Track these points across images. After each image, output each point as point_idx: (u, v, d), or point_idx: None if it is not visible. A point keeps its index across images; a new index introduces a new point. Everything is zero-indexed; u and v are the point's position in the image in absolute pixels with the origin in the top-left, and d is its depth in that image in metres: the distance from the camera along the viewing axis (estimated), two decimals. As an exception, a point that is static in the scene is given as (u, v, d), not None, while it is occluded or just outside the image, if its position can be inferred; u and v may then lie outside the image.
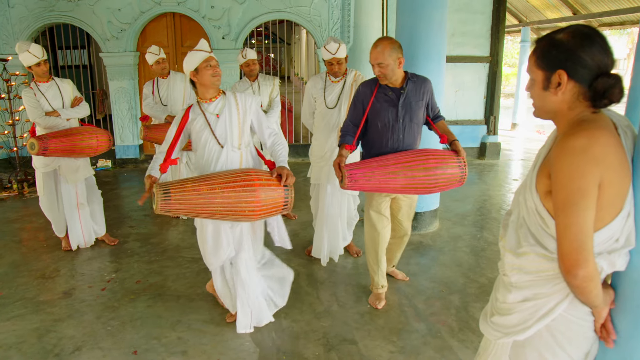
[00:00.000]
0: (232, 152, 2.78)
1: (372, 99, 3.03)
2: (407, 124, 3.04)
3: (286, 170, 2.67)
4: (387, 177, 2.86)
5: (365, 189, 2.94)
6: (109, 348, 2.86)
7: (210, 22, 7.62)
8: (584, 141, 1.23)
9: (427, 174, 2.85)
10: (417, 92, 3.05)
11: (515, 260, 1.46)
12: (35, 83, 4.07)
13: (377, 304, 3.33)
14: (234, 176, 2.56)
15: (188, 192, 2.49)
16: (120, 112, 7.85)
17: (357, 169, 2.87)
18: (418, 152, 2.98)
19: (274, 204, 2.63)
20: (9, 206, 5.80)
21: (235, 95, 2.85)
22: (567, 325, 1.41)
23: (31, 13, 7.46)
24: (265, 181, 2.59)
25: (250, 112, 2.85)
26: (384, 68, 2.90)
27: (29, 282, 3.72)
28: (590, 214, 1.23)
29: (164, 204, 2.46)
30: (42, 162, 4.13)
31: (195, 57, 2.70)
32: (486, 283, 3.67)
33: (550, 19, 10.69)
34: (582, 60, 1.28)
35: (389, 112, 3.01)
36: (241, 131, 2.81)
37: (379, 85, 3.04)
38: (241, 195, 2.50)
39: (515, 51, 25.03)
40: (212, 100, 2.80)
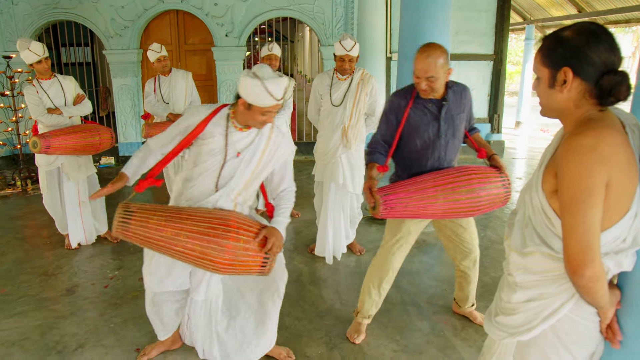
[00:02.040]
0: (224, 201, 2.30)
1: (407, 112, 2.59)
2: (449, 140, 2.63)
3: (276, 236, 2.20)
4: (425, 203, 2.48)
5: (401, 216, 2.57)
6: (111, 345, 2.86)
7: (213, 19, 7.60)
8: (591, 140, 1.22)
9: (471, 196, 2.48)
10: (458, 103, 2.62)
11: (521, 260, 1.44)
12: (37, 80, 4.07)
13: (355, 337, 2.89)
14: (209, 226, 2.13)
15: (150, 229, 2.13)
16: (124, 110, 7.85)
17: (392, 193, 2.49)
18: (458, 171, 2.56)
19: (245, 269, 2.20)
20: (12, 203, 5.81)
21: (271, 134, 2.32)
22: (573, 325, 1.39)
23: (35, 10, 7.46)
24: (243, 243, 2.14)
25: (276, 162, 2.37)
26: (433, 82, 2.46)
27: (32, 279, 3.72)
28: (597, 213, 1.22)
29: (120, 231, 2.16)
30: (45, 160, 4.13)
31: (263, 100, 2.08)
32: (489, 282, 3.66)
33: (555, 16, 10.64)
34: (587, 57, 1.26)
35: (430, 127, 2.58)
36: (249, 183, 2.31)
37: (415, 95, 2.59)
38: (207, 251, 2.10)
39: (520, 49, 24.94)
40: (244, 129, 2.27)
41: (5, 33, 7.55)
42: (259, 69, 2.09)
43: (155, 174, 2.30)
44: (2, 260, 4.09)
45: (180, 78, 4.92)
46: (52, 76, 4.13)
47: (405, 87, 2.71)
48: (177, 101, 4.88)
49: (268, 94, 2.05)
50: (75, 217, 4.29)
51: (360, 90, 3.77)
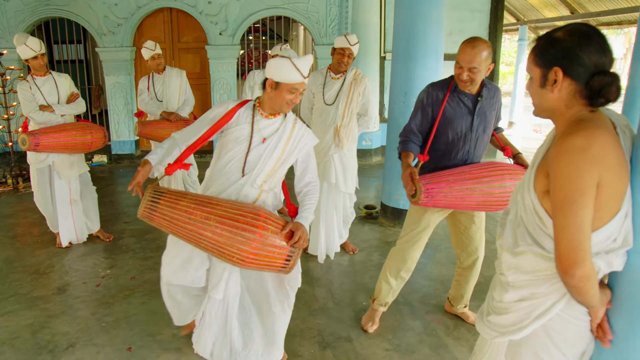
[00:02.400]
0: (251, 187, 2.32)
1: (444, 104, 2.64)
2: (480, 135, 2.71)
3: (302, 230, 2.22)
4: (463, 194, 2.54)
5: (439, 205, 2.61)
6: (103, 344, 2.85)
7: (207, 17, 7.58)
8: (582, 141, 1.23)
9: (503, 190, 2.56)
10: (491, 101, 2.71)
11: (513, 259, 1.45)
12: (31, 76, 4.03)
13: (369, 326, 2.99)
14: (237, 213, 2.13)
15: (179, 211, 2.11)
16: (116, 108, 7.81)
17: (433, 182, 2.53)
18: (492, 167, 2.65)
19: (270, 262, 2.19)
20: (3, 201, 5.77)
21: (295, 124, 2.38)
22: (564, 325, 1.40)
23: (27, 7, 7.41)
24: (271, 233, 2.14)
25: (300, 152, 2.39)
26: (474, 73, 2.51)
27: (23, 278, 3.70)
28: (588, 213, 1.23)
29: (147, 212, 2.13)
30: (36, 157, 4.09)
31: (289, 75, 2.16)
32: (482, 281, 3.66)
33: (548, 17, 10.71)
34: (577, 58, 1.28)
35: (464, 120, 2.65)
36: (275, 169, 2.34)
37: (452, 89, 2.66)
38: (236, 238, 2.09)
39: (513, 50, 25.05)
40: (270, 117, 2.33)
41: (-4, 30, 7.48)
42: (285, 51, 2.31)
43: (183, 159, 2.31)
44: (-7, 259, 4.06)
45: (174, 76, 4.90)
46: (47, 73, 4.09)
47: (442, 80, 2.78)
48: (171, 99, 4.85)
49: (296, 69, 2.14)
50: (66, 216, 4.25)
51: (353, 90, 3.78)
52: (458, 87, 2.64)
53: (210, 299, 2.48)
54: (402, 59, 4.50)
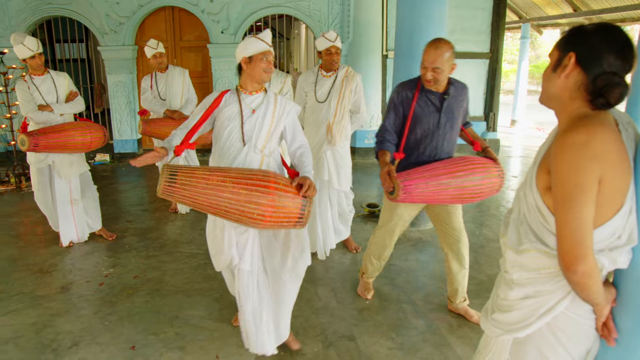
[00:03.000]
0: (254, 153, 2.55)
1: (414, 103, 2.80)
2: (447, 132, 2.84)
3: (309, 180, 2.41)
4: (440, 188, 2.68)
5: (416, 200, 2.75)
6: (106, 343, 2.85)
7: (209, 16, 7.58)
8: (583, 137, 1.22)
9: (475, 183, 2.72)
10: (457, 99, 2.85)
11: (517, 257, 1.45)
12: (29, 76, 4.02)
13: (366, 294, 3.34)
14: (250, 174, 2.32)
15: (196, 178, 2.27)
16: (119, 106, 7.82)
17: (411, 179, 2.66)
18: (463, 161, 2.80)
19: (287, 214, 2.34)
20: (6, 200, 5.78)
21: (276, 97, 2.66)
22: (568, 323, 1.40)
23: (28, 6, 7.42)
24: (283, 186, 2.32)
25: (287, 117, 2.64)
26: (438, 73, 2.66)
27: (27, 277, 3.70)
28: (589, 209, 1.22)
29: (168, 187, 2.25)
30: (35, 157, 4.09)
31: (256, 46, 2.49)
32: (485, 280, 3.67)
33: (550, 15, 10.67)
34: (595, 50, 1.27)
35: (431, 118, 2.80)
36: (270, 134, 2.59)
37: (420, 88, 2.80)
38: (253, 194, 2.24)
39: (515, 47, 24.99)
40: (253, 93, 2.62)
41: (-1, 29, 7.49)
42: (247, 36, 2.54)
43: (188, 139, 2.55)
44: (-4, 258, 4.07)
45: (177, 75, 4.90)
46: (45, 72, 4.07)
47: (410, 80, 2.92)
48: (174, 98, 4.86)
49: (260, 40, 2.50)
50: (66, 215, 4.25)
51: (345, 87, 3.81)
52: (424, 86, 2.78)
53: (240, 271, 2.62)
54: (404, 57, 4.49)
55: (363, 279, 3.38)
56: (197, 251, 4.16)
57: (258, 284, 2.66)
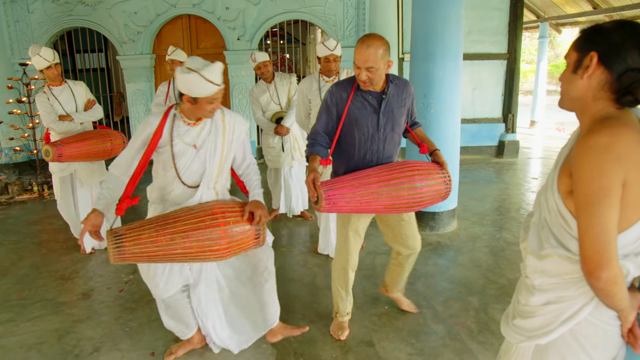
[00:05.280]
0: (207, 192, 2.37)
1: (348, 104, 2.56)
2: (388, 134, 2.63)
3: (260, 207, 2.29)
4: (369, 198, 2.47)
5: (343, 211, 2.54)
6: (127, 349, 2.87)
7: (225, 23, 7.65)
8: (606, 139, 1.19)
9: (413, 192, 2.49)
10: (399, 97, 2.63)
11: (538, 263, 1.42)
12: (48, 87, 4.11)
13: (339, 334, 2.93)
14: (197, 220, 2.20)
15: (144, 244, 2.16)
16: (137, 115, 7.93)
17: (335, 189, 2.45)
18: (401, 167, 2.57)
19: (243, 243, 2.30)
20: (29, 208, 5.90)
21: (223, 117, 2.37)
22: (592, 329, 1.36)
23: (50, 18, 7.58)
24: (232, 222, 2.24)
25: (237, 141, 2.44)
26: (373, 73, 2.44)
27: (49, 284, 3.76)
28: (613, 214, 1.19)
29: (118, 256, 2.16)
30: (58, 166, 4.19)
31: (203, 89, 2.13)
32: (506, 284, 3.61)
33: (569, 14, 10.51)
34: (618, 49, 1.24)
35: (369, 119, 2.58)
36: (221, 169, 2.38)
37: (355, 88, 2.58)
38: (205, 244, 2.18)
39: (533, 47, 24.67)
40: (197, 123, 2.32)
41: (21, 41, 7.67)
42: (192, 62, 2.13)
43: (129, 194, 2.33)
44: (20, 265, 4.14)
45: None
46: (63, 82, 4.17)
47: (346, 79, 2.68)
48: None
49: (208, 82, 2.10)
50: None
51: None
52: (360, 87, 2.57)
53: (195, 293, 2.59)
54: (421, 60, 4.46)
55: (337, 318, 3.00)
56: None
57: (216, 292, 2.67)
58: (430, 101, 4.41)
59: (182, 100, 2.22)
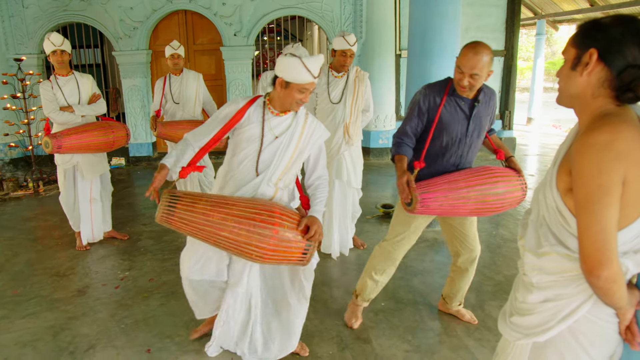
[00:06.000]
0: (267, 186, 2.33)
1: (440, 108, 2.57)
2: (474, 140, 2.66)
3: (317, 224, 2.24)
4: (459, 202, 2.52)
5: (434, 213, 2.61)
6: (122, 346, 2.86)
7: (221, 19, 7.61)
8: (606, 136, 1.18)
9: (497, 197, 2.54)
10: (486, 105, 2.66)
11: (536, 260, 1.41)
12: (54, 76, 4.10)
13: (352, 322, 2.99)
14: (254, 212, 2.16)
15: (196, 214, 2.14)
16: (133, 110, 7.89)
17: (430, 192, 2.50)
18: (485, 173, 2.59)
19: (288, 256, 2.24)
20: (24, 204, 5.86)
21: (306, 119, 2.37)
22: (590, 327, 1.36)
23: (45, 13, 7.53)
24: (287, 228, 2.19)
25: (313, 147, 2.40)
26: (476, 80, 2.44)
27: (44, 280, 3.74)
28: (613, 212, 1.18)
29: (165, 217, 2.15)
30: (62, 158, 4.19)
31: (300, 75, 2.14)
32: (502, 281, 3.61)
33: (566, 11, 10.51)
34: (617, 45, 1.22)
35: (459, 125, 2.59)
36: (289, 167, 2.35)
37: (448, 92, 2.59)
38: (253, 236, 2.13)
39: (531, 44, 24.71)
40: (281, 114, 2.32)
41: (16, 36, 7.62)
42: (296, 50, 2.20)
43: (196, 161, 2.32)
44: (15, 262, 4.12)
45: (191, 79, 4.92)
46: (70, 73, 4.16)
47: (439, 82, 2.69)
48: (188, 102, 4.87)
49: (306, 70, 2.13)
50: (85, 214, 4.34)
51: (358, 87, 3.84)
52: (456, 91, 2.57)
53: (232, 293, 2.52)
54: (418, 56, 4.45)
55: (356, 301, 3.03)
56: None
57: (250, 306, 2.57)
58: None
59: (275, 84, 2.26)
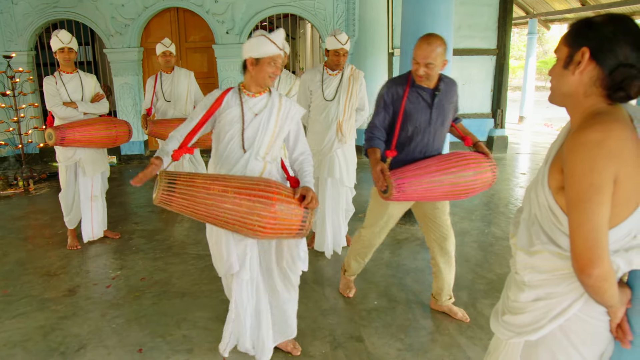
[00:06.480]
0: (255, 160, 2.44)
1: (404, 99, 2.75)
2: (438, 128, 2.82)
3: (311, 192, 2.36)
4: (432, 186, 2.67)
5: (410, 198, 2.74)
6: (113, 346, 2.84)
7: (214, 16, 7.57)
8: (598, 135, 1.18)
9: (468, 179, 2.70)
10: (448, 94, 2.82)
11: (528, 259, 1.41)
12: (59, 72, 4.12)
13: (348, 292, 3.34)
14: (252, 183, 2.24)
15: (196, 187, 2.16)
16: (125, 108, 7.83)
17: (404, 177, 2.64)
18: (456, 157, 2.76)
19: (288, 226, 2.30)
20: (14, 203, 5.81)
21: (281, 98, 2.52)
22: (582, 325, 1.36)
23: (35, 10, 7.44)
24: (285, 197, 2.27)
25: (291, 122, 2.53)
26: (431, 69, 2.62)
27: (34, 280, 3.71)
28: (604, 210, 1.18)
29: (166, 195, 2.14)
30: (64, 155, 4.17)
31: (266, 48, 2.32)
32: (494, 279, 3.63)
33: (558, 10, 10.56)
34: (610, 43, 1.22)
35: (422, 114, 2.76)
36: (273, 140, 2.47)
37: (410, 84, 2.77)
38: (255, 205, 2.17)
39: (522, 43, 24.82)
40: (256, 95, 2.48)
41: (5, 32, 7.53)
42: (259, 32, 2.38)
43: (187, 143, 2.42)
44: (5, 261, 4.08)
45: (182, 77, 4.90)
46: (75, 71, 4.18)
47: (400, 75, 2.89)
48: (179, 100, 4.85)
49: (271, 42, 2.32)
50: (86, 212, 4.33)
51: (352, 85, 3.84)
52: (416, 82, 2.74)
53: (238, 282, 2.55)
54: (410, 55, 4.39)
55: (345, 276, 3.38)
56: (204, 253, 4.15)
57: (257, 290, 2.61)
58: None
59: (246, 67, 2.42)
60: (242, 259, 2.52)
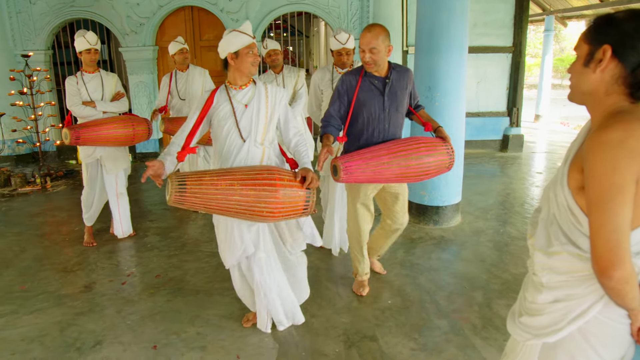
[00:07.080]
0: (255, 147, 2.62)
1: (357, 88, 2.97)
2: (393, 114, 3.02)
3: (311, 172, 2.52)
4: (381, 168, 2.84)
5: (359, 180, 2.91)
6: (129, 342, 2.87)
7: (228, 15, 7.59)
8: (619, 134, 1.15)
9: (420, 162, 2.87)
10: (401, 81, 3.02)
11: (546, 260, 1.38)
12: (81, 72, 4.18)
13: (361, 291, 3.38)
14: (255, 173, 2.41)
15: (205, 185, 2.33)
16: (140, 107, 7.90)
17: (352, 160, 2.83)
18: (408, 141, 2.96)
19: (294, 207, 2.49)
20: (32, 200, 5.89)
21: (266, 87, 2.70)
22: (602, 327, 1.33)
23: (52, 9, 7.54)
24: (287, 182, 2.44)
25: (279, 106, 2.71)
26: (375, 54, 2.85)
27: (51, 276, 3.76)
28: (626, 211, 1.16)
29: (178, 196, 2.30)
30: (85, 152, 4.23)
31: (240, 40, 2.53)
32: (510, 279, 3.58)
33: (575, 7, 10.39)
34: (632, 40, 1.19)
35: (375, 101, 2.97)
36: (267, 126, 2.65)
37: (363, 74, 2.98)
38: (261, 194, 2.36)
39: (539, 41, 24.51)
40: (242, 87, 2.66)
41: (23, 32, 7.64)
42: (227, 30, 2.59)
43: (188, 144, 2.57)
44: (22, 257, 4.14)
45: (197, 75, 4.92)
46: (97, 71, 4.23)
47: (355, 68, 3.11)
48: (194, 98, 4.87)
49: (242, 34, 2.54)
50: (114, 209, 4.41)
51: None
52: (366, 70, 2.95)
53: (257, 263, 2.74)
54: (425, 52, 4.42)
55: (357, 278, 3.45)
56: (218, 250, 4.16)
57: (276, 264, 2.82)
58: (435, 94, 4.37)
59: (227, 64, 2.62)
60: (255, 241, 2.71)
